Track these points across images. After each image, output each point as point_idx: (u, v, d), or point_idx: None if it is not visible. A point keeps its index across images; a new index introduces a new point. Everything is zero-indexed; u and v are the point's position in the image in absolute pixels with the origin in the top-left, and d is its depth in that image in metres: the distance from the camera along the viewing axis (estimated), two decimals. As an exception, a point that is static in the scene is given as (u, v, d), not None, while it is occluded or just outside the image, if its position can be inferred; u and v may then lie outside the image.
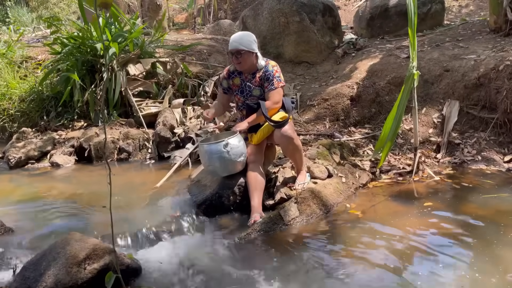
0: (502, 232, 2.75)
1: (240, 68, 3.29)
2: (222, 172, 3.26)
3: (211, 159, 3.18)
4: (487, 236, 2.72)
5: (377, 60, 5.33)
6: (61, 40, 5.80)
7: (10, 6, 13.82)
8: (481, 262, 2.44)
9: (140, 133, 5.03)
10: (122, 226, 3.03)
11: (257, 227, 2.90)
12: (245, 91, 3.35)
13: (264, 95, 3.30)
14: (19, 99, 5.87)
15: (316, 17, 6.06)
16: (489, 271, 2.35)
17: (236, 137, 3.18)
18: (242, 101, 3.40)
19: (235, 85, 3.40)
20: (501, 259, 2.46)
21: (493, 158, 3.97)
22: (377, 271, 2.43)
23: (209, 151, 3.18)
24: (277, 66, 3.33)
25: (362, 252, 2.63)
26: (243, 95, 3.37)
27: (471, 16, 7.71)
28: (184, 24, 11.66)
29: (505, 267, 2.38)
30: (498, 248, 2.57)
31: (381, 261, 2.52)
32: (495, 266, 2.40)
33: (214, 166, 3.22)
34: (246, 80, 3.35)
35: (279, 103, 3.26)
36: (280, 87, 3.27)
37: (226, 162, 3.16)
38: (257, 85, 3.30)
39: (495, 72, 4.30)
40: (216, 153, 3.14)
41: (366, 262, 2.52)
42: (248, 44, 3.20)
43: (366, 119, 4.88)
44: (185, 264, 2.59)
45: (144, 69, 5.66)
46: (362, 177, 3.74)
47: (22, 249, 2.73)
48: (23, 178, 4.50)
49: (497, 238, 2.69)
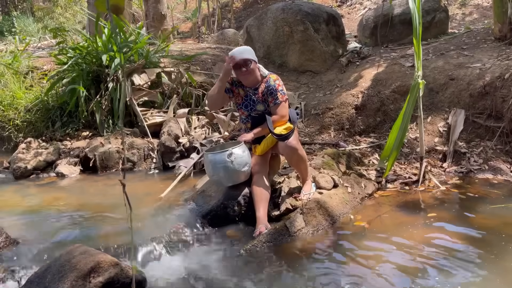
0: (510, 243, 2.71)
1: (246, 80, 3.28)
2: (227, 181, 3.25)
3: (215, 169, 3.17)
4: (495, 247, 2.69)
5: (382, 69, 5.32)
6: (66, 51, 5.84)
7: (16, 16, 13.98)
8: (489, 274, 2.41)
9: (145, 143, 5.04)
10: (127, 237, 3.02)
11: (263, 239, 2.88)
12: (249, 105, 3.35)
13: (267, 110, 3.30)
14: (24, 110, 5.90)
15: (320, 26, 6.08)
16: (497, 283, 2.32)
17: (240, 147, 3.17)
18: (246, 115, 3.40)
19: (240, 96, 3.39)
20: (509, 270, 2.43)
21: (500, 167, 3.93)
22: (384, 283, 2.40)
23: (213, 160, 3.17)
24: (279, 80, 3.32)
25: (369, 264, 2.60)
26: (247, 110, 3.37)
27: (475, 24, 7.71)
28: (189, 33, 11.74)
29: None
30: (506, 259, 2.54)
31: (388, 273, 2.50)
32: (503, 278, 2.37)
33: (218, 176, 3.21)
34: (250, 93, 3.33)
35: (286, 116, 3.25)
36: (284, 100, 3.26)
37: (230, 171, 3.15)
38: (261, 100, 3.30)
39: (501, 81, 4.29)
40: (220, 162, 3.13)
41: (373, 274, 2.49)
42: (253, 55, 3.25)
43: (371, 128, 4.86)
44: (190, 275, 2.58)
45: (149, 79, 5.68)
46: (368, 187, 3.71)
47: (27, 261, 2.71)
48: (29, 188, 4.51)
49: (505, 249, 2.66)
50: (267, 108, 3.30)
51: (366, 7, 10.46)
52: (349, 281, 2.44)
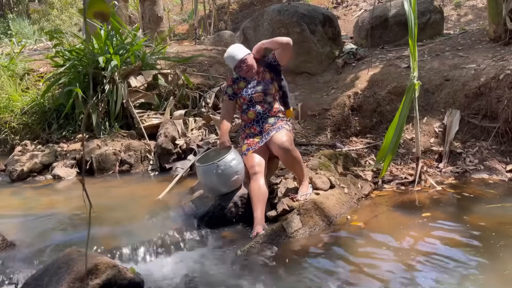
0: (506, 243, 2.73)
1: (250, 73, 3.45)
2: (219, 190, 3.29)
3: (207, 179, 3.25)
4: (491, 247, 2.71)
5: (378, 70, 5.34)
6: (63, 53, 5.83)
7: (11, 18, 13.93)
8: (485, 273, 2.43)
9: (141, 145, 5.04)
10: (124, 239, 3.02)
11: (260, 239, 2.88)
12: (249, 89, 3.47)
13: (267, 89, 3.44)
14: (21, 112, 5.89)
15: (316, 27, 6.09)
16: (493, 282, 2.34)
17: (230, 155, 3.21)
18: (248, 100, 3.46)
19: (240, 89, 3.51)
20: (506, 270, 2.45)
21: (495, 167, 3.96)
22: (380, 283, 2.41)
23: (202, 171, 3.24)
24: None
25: (366, 264, 2.61)
26: (248, 94, 3.46)
27: (470, 25, 7.76)
28: (185, 35, 11.74)
29: (510, 278, 2.36)
30: (502, 259, 2.56)
31: (384, 273, 2.51)
32: (500, 277, 2.39)
33: (209, 185, 3.28)
34: (251, 80, 3.50)
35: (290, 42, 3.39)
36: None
37: (220, 181, 3.21)
38: (261, 79, 3.45)
39: (496, 82, 4.31)
40: (210, 172, 3.18)
41: (370, 275, 2.50)
42: (243, 51, 3.43)
43: (368, 129, 4.88)
44: (188, 277, 2.58)
45: (146, 81, 5.68)
46: (364, 187, 3.73)
47: (24, 263, 2.71)
48: (25, 191, 4.50)
49: (501, 249, 2.67)
50: (267, 87, 3.45)
51: (362, 9, 10.51)
52: (346, 281, 2.44)
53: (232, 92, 3.54)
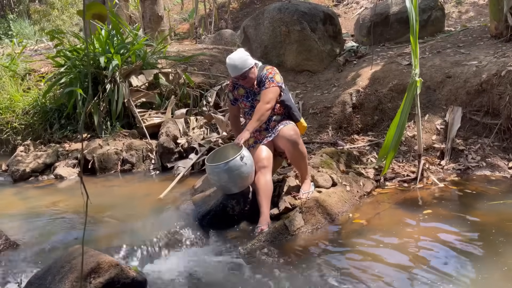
0: (507, 239, 2.73)
1: (249, 84, 3.36)
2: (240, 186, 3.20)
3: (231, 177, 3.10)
4: (493, 243, 2.70)
5: (379, 68, 5.34)
6: (64, 53, 5.84)
7: (12, 19, 13.95)
8: (488, 270, 2.43)
9: (143, 144, 5.04)
10: (126, 238, 3.03)
11: (262, 238, 2.89)
12: (250, 96, 3.41)
13: None
14: (22, 112, 5.90)
15: (317, 25, 6.09)
16: (496, 279, 2.33)
17: (244, 149, 3.16)
18: (249, 106, 3.43)
19: (240, 95, 3.46)
20: (508, 266, 2.44)
21: (497, 164, 3.95)
22: (383, 280, 2.41)
23: (228, 169, 3.07)
24: (272, 69, 3.36)
25: (368, 262, 2.61)
26: (249, 101, 3.42)
27: (471, 22, 7.73)
28: (186, 34, 11.73)
29: (511, 274, 2.36)
30: (504, 255, 2.55)
31: (387, 270, 2.51)
32: (502, 274, 2.38)
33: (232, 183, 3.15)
34: (248, 89, 3.42)
35: (270, 102, 3.23)
36: (271, 87, 3.25)
37: (244, 175, 3.11)
38: (258, 91, 3.36)
39: (497, 78, 4.30)
40: (236, 168, 3.07)
41: (372, 272, 2.50)
42: (245, 63, 3.24)
43: (369, 126, 4.87)
44: (190, 275, 2.58)
45: (147, 80, 5.68)
46: (366, 185, 3.73)
47: (27, 263, 2.72)
48: (28, 190, 4.51)
49: (503, 245, 2.67)
50: None
51: (362, 6, 10.48)
52: (349, 279, 2.45)
53: (233, 98, 3.52)
